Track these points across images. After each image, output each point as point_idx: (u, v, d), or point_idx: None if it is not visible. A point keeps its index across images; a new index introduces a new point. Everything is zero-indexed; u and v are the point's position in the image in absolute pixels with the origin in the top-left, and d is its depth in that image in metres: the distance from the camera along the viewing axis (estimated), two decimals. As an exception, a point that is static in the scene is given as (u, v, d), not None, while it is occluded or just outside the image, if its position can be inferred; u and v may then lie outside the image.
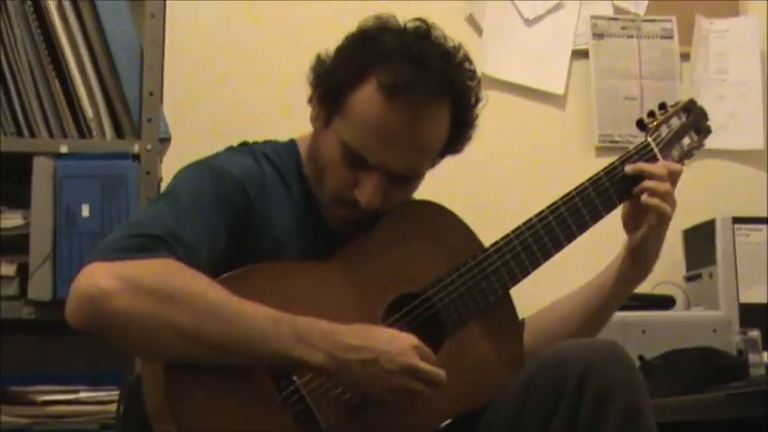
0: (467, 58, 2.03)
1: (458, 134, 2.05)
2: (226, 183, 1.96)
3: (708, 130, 2.23)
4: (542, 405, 1.84)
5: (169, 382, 1.80)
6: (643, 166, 2.09)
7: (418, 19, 2.03)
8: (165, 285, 1.78)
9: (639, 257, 2.11)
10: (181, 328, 1.77)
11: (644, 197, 2.07)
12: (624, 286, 2.15)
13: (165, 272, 1.80)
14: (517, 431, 1.87)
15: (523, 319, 2.20)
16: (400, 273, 2.01)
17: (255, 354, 1.81)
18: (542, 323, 2.20)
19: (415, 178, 2.04)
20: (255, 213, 1.97)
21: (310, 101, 2.07)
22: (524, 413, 1.86)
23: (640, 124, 2.18)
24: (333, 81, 2.00)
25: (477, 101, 2.05)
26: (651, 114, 2.19)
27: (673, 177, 2.09)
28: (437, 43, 2.00)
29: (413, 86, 1.93)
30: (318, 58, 2.05)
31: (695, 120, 2.21)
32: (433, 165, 2.07)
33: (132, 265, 1.78)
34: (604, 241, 2.24)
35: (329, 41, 2.08)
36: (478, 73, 2.08)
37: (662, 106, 2.20)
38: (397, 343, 1.88)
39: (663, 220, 2.07)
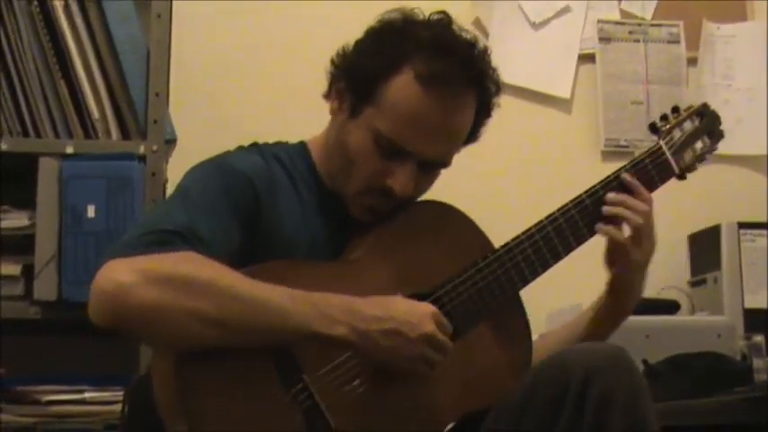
0: (487, 48, 2.07)
1: (480, 122, 2.10)
2: (233, 177, 1.98)
3: (721, 135, 2.24)
4: (546, 408, 1.84)
5: (180, 376, 1.80)
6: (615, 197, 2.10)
7: (438, 12, 2.07)
8: (181, 274, 1.79)
9: (617, 292, 2.14)
10: (203, 313, 1.78)
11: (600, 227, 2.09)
12: (606, 319, 2.17)
13: (180, 262, 1.81)
14: (520, 435, 1.88)
15: None
16: (410, 273, 2.02)
17: (277, 331, 1.83)
18: None
19: (443, 165, 2.07)
20: (264, 207, 1.98)
21: (328, 94, 2.09)
22: (527, 417, 1.87)
23: (653, 127, 2.19)
24: (363, 72, 2.03)
25: (498, 90, 2.09)
26: (664, 118, 2.20)
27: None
28: (461, 34, 2.05)
29: (448, 76, 1.98)
30: (341, 51, 2.08)
31: (708, 124, 2.22)
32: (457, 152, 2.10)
33: (148, 259, 1.79)
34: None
35: (335, 43, 2.10)
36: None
37: (675, 110, 2.21)
38: (417, 311, 1.91)
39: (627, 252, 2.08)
